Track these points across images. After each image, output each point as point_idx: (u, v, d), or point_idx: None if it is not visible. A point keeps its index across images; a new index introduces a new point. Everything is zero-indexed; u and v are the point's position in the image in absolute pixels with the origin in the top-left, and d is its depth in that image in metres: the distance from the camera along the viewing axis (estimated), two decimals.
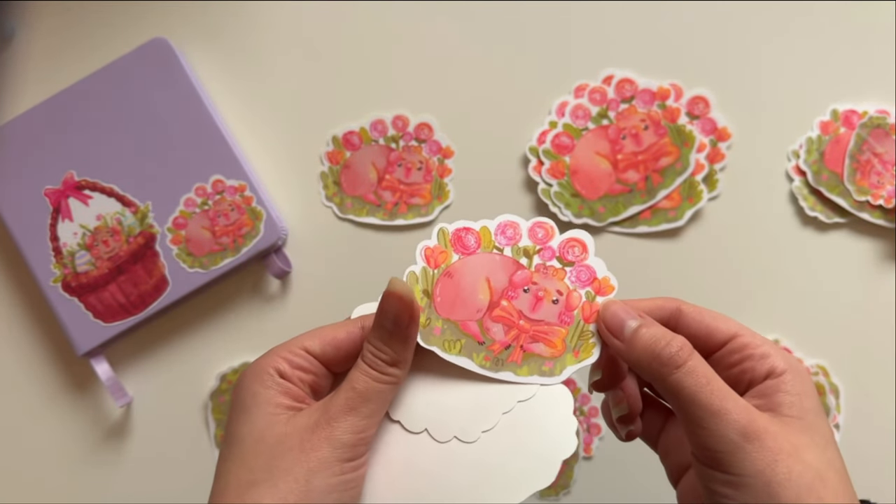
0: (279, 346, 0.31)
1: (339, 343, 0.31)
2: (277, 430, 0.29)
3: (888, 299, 0.49)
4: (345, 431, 0.29)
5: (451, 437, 0.32)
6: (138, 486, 0.50)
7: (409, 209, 0.50)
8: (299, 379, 0.31)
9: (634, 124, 0.49)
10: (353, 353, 0.32)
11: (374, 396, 0.30)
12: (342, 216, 0.50)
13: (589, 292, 0.33)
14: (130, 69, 0.48)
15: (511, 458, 0.31)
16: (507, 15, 0.50)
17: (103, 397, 0.50)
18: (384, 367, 0.30)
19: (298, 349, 0.31)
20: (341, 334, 0.32)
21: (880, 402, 0.49)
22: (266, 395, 0.30)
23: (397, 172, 0.50)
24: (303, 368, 0.31)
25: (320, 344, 0.31)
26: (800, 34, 0.49)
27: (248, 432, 0.29)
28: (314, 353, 0.31)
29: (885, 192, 0.48)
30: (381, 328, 0.30)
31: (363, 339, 0.32)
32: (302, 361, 0.31)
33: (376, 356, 0.30)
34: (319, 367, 0.31)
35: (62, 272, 0.48)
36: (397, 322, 0.30)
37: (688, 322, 0.32)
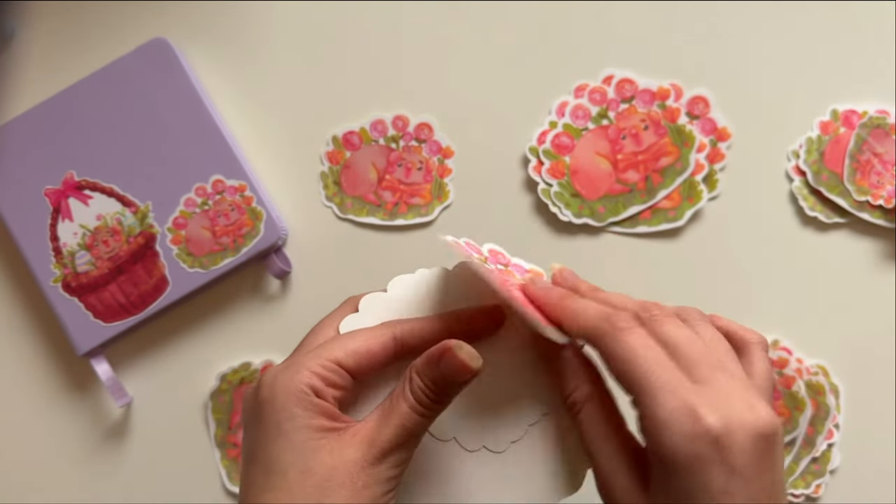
0: (308, 357, 0.30)
1: (373, 356, 0.30)
2: (324, 462, 0.28)
3: (888, 299, 0.49)
4: (391, 467, 0.29)
5: (480, 446, 0.32)
6: (138, 486, 0.50)
7: (410, 209, 0.50)
8: (332, 396, 0.30)
9: (634, 124, 0.49)
10: (384, 363, 0.31)
11: (421, 432, 0.30)
12: (342, 216, 0.50)
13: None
14: (130, 69, 0.48)
15: (537, 468, 0.32)
16: (506, 15, 0.50)
17: (103, 397, 0.50)
18: (432, 407, 0.30)
19: (331, 363, 0.30)
20: (376, 347, 0.31)
21: (880, 402, 0.49)
22: (304, 418, 0.29)
23: (397, 172, 0.50)
24: (335, 385, 0.30)
25: (355, 357, 0.30)
26: (800, 34, 0.49)
27: (290, 462, 0.28)
28: (347, 367, 0.30)
29: (885, 192, 0.48)
30: (435, 370, 0.29)
31: (396, 351, 0.31)
32: (335, 378, 0.30)
33: (427, 395, 0.29)
34: (349, 380, 0.30)
35: (62, 272, 0.48)
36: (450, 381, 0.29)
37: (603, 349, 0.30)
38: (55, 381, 0.51)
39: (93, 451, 0.50)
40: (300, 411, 0.29)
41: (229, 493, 0.49)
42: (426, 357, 0.30)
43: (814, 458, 0.48)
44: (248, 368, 0.49)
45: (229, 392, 0.49)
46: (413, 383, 0.30)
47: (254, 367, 0.49)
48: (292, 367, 0.30)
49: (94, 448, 0.50)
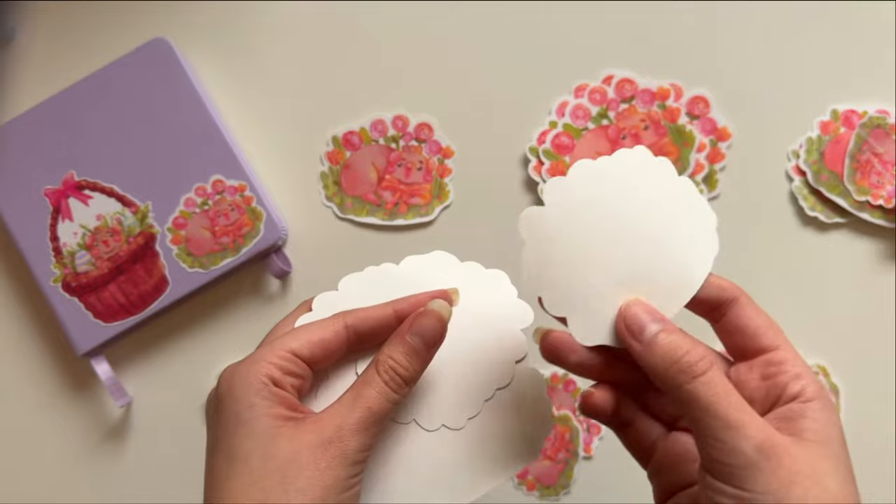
0: (264, 350, 0.30)
1: (326, 345, 0.31)
2: (284, 447, 0.28)
3: (888, 299, 0.49)
4: (356, 450, 0.29)
5: (440, 425, 0.33)
6: (138, 486, 0.50)
7: (409, 209, 0.50)
8: (290, 384, 0.30)
9: (634, 124, 0.49)
10: (337, 352, 0.31)
11: (385, 416, 0.30)
12: (342, 216, 0.50)
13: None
14: (131, 69, 0.48)
15: (496, 441, 0.33)
16: (507, 15, 0.50)
17: (103, 397, 0.50)
18: (401, 386, 0.30)
19: (286, 353, 0.30)
20: (329, 335, 0.31)
21: (880, 401, 0.49)
22: (264, 407, 0.29)
23: (397, 172, 0.50)
24: (293, 374, 0.30)
25: (309, 347, 0.31)
26: (799, 34, 0.49)
27: (252, 448, 0.28)
28: (302, 356, 0.31)
29: (884, 192, 0.48)
30: (405, 344, 0.30)
31: (349, 338, 0.31)
32: (292, 366, 0.30)
33: (397, 372, 0.30)
34: (306, 370, 0.31)
35: (62, 272, 0.48)
36: (428, 342, 0.31)
37: (738, 316, 0.31)
38: (55, 381, 0.51)
39: (93, 450, 0.50)
40: (259, 400, 0.29)
41: None
42: (395, 335, 0.31)
43: None
44: None
45: None
46: (382, 365, 0.30)
47: None
48: (248, 360, 0.30)
49: (94, 448, 0.50)
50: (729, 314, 0.31)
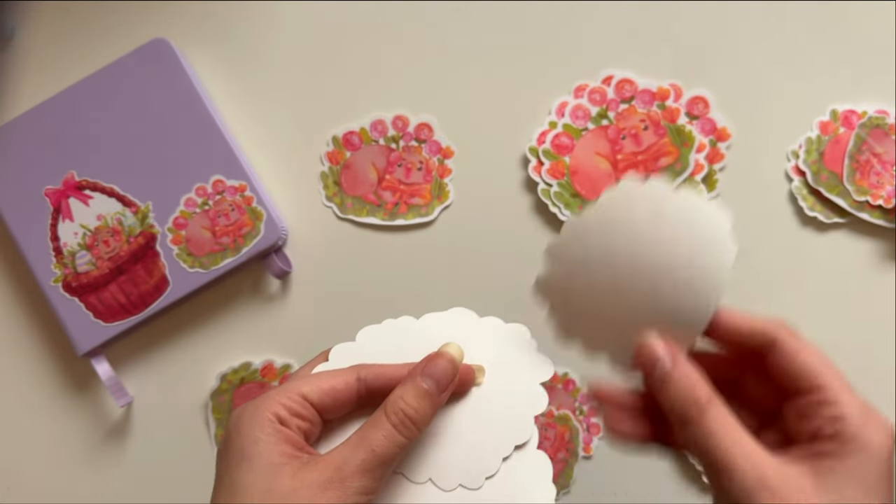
0: (276, 391, 0.31)
1: (337, 394, 0.31)
2: (286, 483, 0.29)
3: (887, 299, 0.49)
4: (357, 491, 0.29)
5: (457, 485, 0.32)
6: (139, 486, 0.50)
7: (410, 209, 0.50)
8: (296, 426, 0.30)
9: (634, 124, 0.49)
10: (347, 403, 0.32)
11: (391, 460, 0.30)
12: (342, 216, 0.50)
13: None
14: (131, 69, 0.48)
15: (514, 499, 0.32)
16: (506, 15, 0.50)
17: (104, 397, 0.51)
18: (410, 429, 0.30)
19: (296, 396, 0.31)
20: (339, 385, 0.31)
21: (880, 401, 0.49)
22: (268, 442, 0.29)
23: (397, 172, 0.50)
24: (300, 416, 0.31)
25: (318, 393, 0.31)
26: (799, 34, 0.49)
27: (253, 482, 0.29)
28: (312, 401, 0.31)
29: (884, 192, 0.48)
30: (417, 387, 0.31)
31: (360, 391, 0.32)
32: (300, 409, 0.31)
33: (406, 414, 0.30)
34: (315, 416, 0.31)
35: (63, 272, 0.48)
36: (440, 384, 0.31)
37: (780, 357, 0.31)
38: (56, 381, 0.51)
39: (93, 450, 0.51)
40: (264, 436, 0.29)
41: None
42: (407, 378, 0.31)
43: None
44: (248, 368, 0.49)
45: (230, 392, 0.49)
46: (392, 407, 0.30)
47: (254, 366, 0.49)
48: (258, 399, 0.31)
49: (94, 448, 0.51)
50: (768, 357, 0.31)
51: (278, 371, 0.49)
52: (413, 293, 0.50)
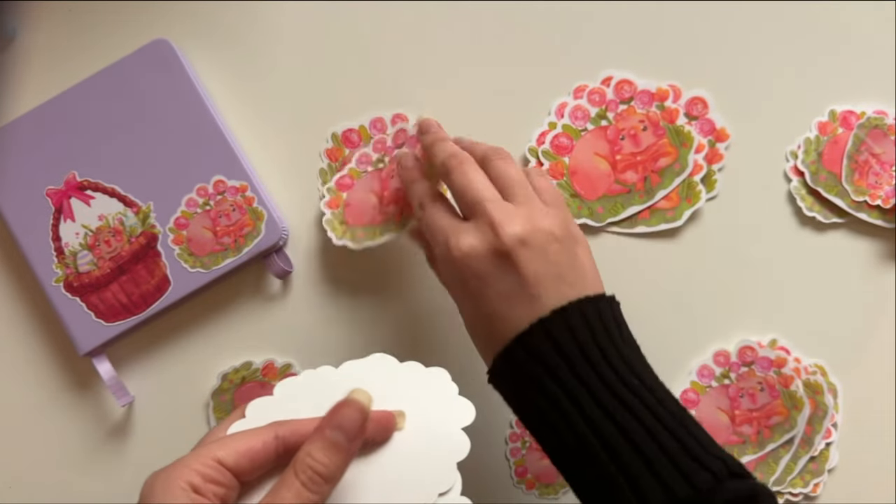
0: (190, 457, 0.30)
1: (254, 455, 0.30)
2: None
3: (886, 298, 0.49)
4: None
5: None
6: (140, 485, 0.50)
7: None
8: (212, 493, 0.29)
9: (633, 125, 0.49)
10: (265, 463, 0.31)
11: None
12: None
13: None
14: (132, 70, 0.48)
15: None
16: (506, 15, 0.50)
17: (105, 397, 0.51)
18: (321, 486, 0.29)
19: (211, 461, 0.30)
20: (257, 445, 0.31)
21: (878, 401, 0.49)
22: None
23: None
24: (215, 482, 0.30)
25: (235, 456, 0.30)
26: (798, 35, 0.50)
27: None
28: (228, 465, 0.30)
29: (882, 193, 0.48)
30: (325, 440, 0.30)
31: (278, 449, 0.31)
32: (215, 474, 0.30)
33: (316, 471, 0.29)
34: (232, 480, 0.30)
35: (64, 272, 0.48)
36: (349, 434, 0.30)
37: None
38: (57, 381, 0.51)
39: (95, 450, 0.51)
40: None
41: None
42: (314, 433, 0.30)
43: (812, 457, 0.48)
44: (249, 367, 0.50)
45: (231, 391, 0.50)
46: (300, 465, 0.29)
47: (255, 366, 0.50)
48: (172, 466, 0.30)
49: (95, 447, 0.51)
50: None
51: (279, 370, 0.50)
52: (414, 293, 0.50)
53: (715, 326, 0.49)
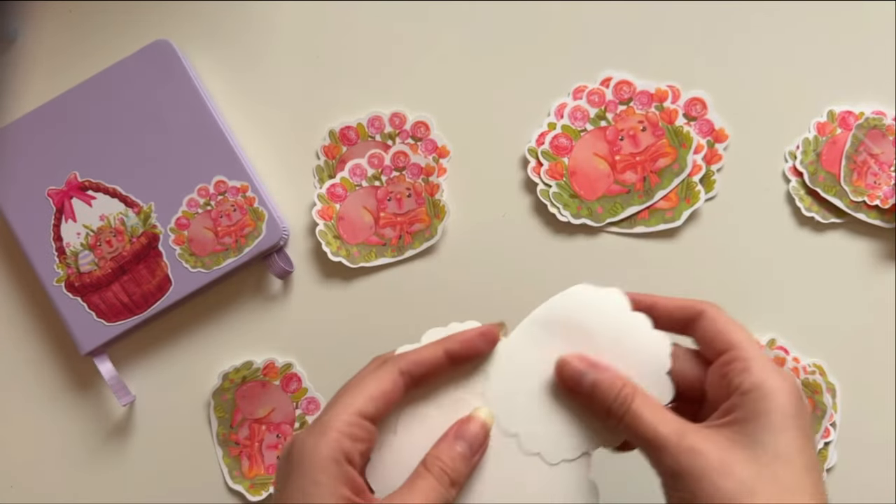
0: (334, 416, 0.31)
1: (388, 398, 0.32)
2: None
3: (884, 298, 0.49)
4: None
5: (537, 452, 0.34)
6: (141, 485, 0.51)
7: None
8: (360, 453, 0.31)
9: (632, 126, 0.49)
10: (397, 400, 0.32)
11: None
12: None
13: (424, 178, 0.48)
14: (133, 71, 0.49)
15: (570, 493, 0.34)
16: (505, 16, 0.50)
17: (106, 396, 0.51)
18: (448, 486, 0.31)
19: (356, 418, 0.31)
20: (388, 386, 0.32)
21: (877, 401, 0.49)
22: (328, 486, 0.29)
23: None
24: (360, 439, 0.31)
25: (373, 403, 0.32)
26: (797, 36, 0.50)
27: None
28: (368, 415, 0.31)
29: (881, 193, 0.48)
30: (451, 448, 0.32)
31: (406, 383, 0.33)
32: (360, 432, 0.31)
33: (444, 472, 0.31)
34: (372, 430, 0.32)
35: (65, 272, 0.48)
36: (472, 447, 0.32)
37: (703, 327, 0.34)
38: (58, 381, 0.51)
39: (96, 449, 0.51)
40: (325, 479, 0.30)
41: (231, 490, 0.50)
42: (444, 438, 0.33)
43: None
44: (249, 367, 0.50)
45: (231, 391, 0.50)
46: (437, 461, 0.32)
47: (256, 365, 0.50)
48: (319, 428, 0.31)
49: (97, 447, 0.51)
50: (693, 329, 0.34)
51: (279, 370, 0.50)
52: (415, 292, 0.50)
53: None
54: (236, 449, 0.50)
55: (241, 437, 0.50)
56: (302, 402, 0.50)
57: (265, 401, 0.50)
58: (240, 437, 0.50)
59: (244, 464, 0.50)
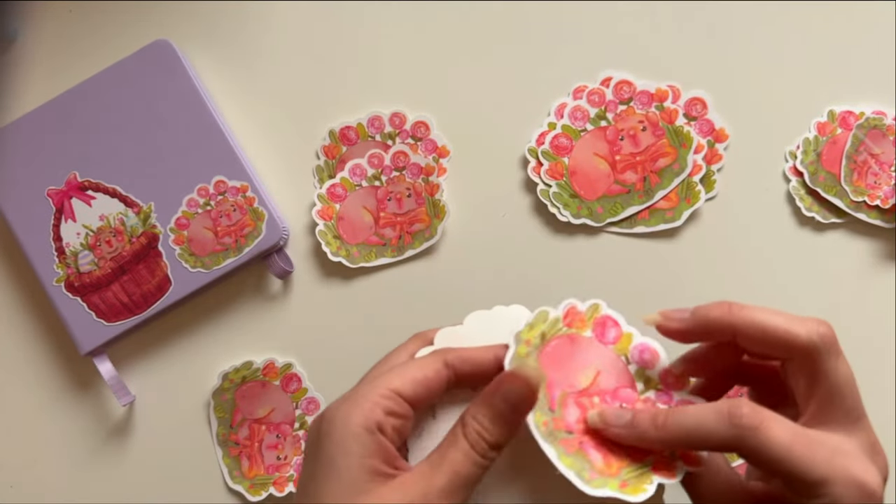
0: (368, 389, 0.30)
1: (429, 384, 0.31)
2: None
3: (884, 298, 0.49)
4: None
5: None
6: (141, 485, 0.51)
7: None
8: (392, 428, 0.30)
9: (632, 125, 0.49)
10: (439, 390, 0.31)
11: (473, 481, 0.29)
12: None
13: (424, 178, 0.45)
14: (133, 70, 0.49)
15: None
16: (506, 16, 0.50)
17: (106, 396, 0.51)
18: (487, 451, 0.29)
19: (390, 392, 0.30)
20: (430, 373, 0.31)
21: (878, 401, 0.49)
22: (359, 456, 0.29)
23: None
24: (395, 414, 0.30)
25: (412, 385, 0.30)
26: (797, 35, 0.50)
27: (336, 496, 0.28)
28: (405, 395, 0.30)
29: (881, 193, 0.48)
30: (491, 407, 0.29)
31: (449, 377, 0.31)
32: (394, 406, 0.30)
33: (482, 436, 0.29)
34: (409, 410, 0.30)
35: (65, 272, 0.48)
36: (516, 408, 0.29)
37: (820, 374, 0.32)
38: (58, 381, 0.51)
39: (95, 449, 0.51)
40: (356, 447, 0.29)
41: (231, 491, 0.50)
42: (482, 396, 0.30)
43: None
44: (249, 367, 0.50)
45: (231, 391, 0.50)
46: (468, 427, 0.29)
47: (255, 365, 0.50)
48: (353, 398, 0.30)
49: (96, 447, 0.51)
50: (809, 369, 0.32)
51: (279, 370, 0.50)
52: (415, 292, 0.50)
53: None
54: (236, 449, 0.50)
55: (241, 437, 0.50)
56: (302, 403, 0.50)
57: (265, 401, 0.50)
58: (240, 438, 0.50)
59: (244, 464, 0.50)
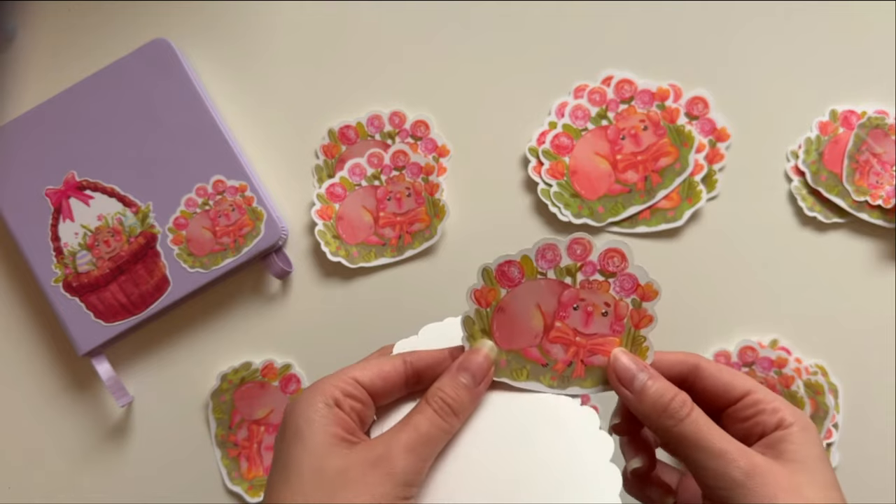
0: (330, 376, 0.33)
1: (386, 376, 0.33)
2: (336, 463, 0.30)
3: (887, 298, 0.49)
4: (404, 470, 0.30)
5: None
6: (139, 485, 0.50)
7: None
8: (350, 407, 0.32)
9: (634, 125, 0.49)
10: (396, 386, 0.34)
11: (434, 441, 0.32)
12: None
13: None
14: (132, 70, 0.48)
15: None
16: (507, 15, 0.50)
17: (104, 397, 0.51)
18: (449, 416, 0.32)
19: (349, 378, 0.33)
20: (388, 367, 0.34)
21: (879, 401, 0.49)
22: (321, 423, 0.31)
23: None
24: (353, 397, 0.32)
25: (370, 376, 0.33)
26: (798, 35, 0.50)
27: (305, 461, 0.30)
28: (363, 383, 0.33)
29: (883, 193, 0.48)
30: (454, 379, 0.33)
31: (407, 375, 0.34)
32: (353, 390, 0.32)
33: (445, 402, 0.32)
34: (367, 398, 0.33)
35: (63, 272, 0.48)
36: (475, 377, 0.33)
37: (705, 378, 0.35)
38: (56, 381, 0.51)
39: (94, 450, 0.51)
40: (317, 417, 0.31)
41: (230, 492, 0.50)
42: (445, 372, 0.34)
43: None
44: (248, 368, 0.49)
45: (230, 391, 0.50)
46: (433, 396, 0.33)
47: (254, 366, 0.49)
48: (314, 385, 0.33)
49: (95, 447, 0.51)
50: (696, 381, 0.35)
51: (278, 371, 0.50)
52: (414, 292, 0.50)
53: (716, 327, 0.49)
54: (235, 450, 0.49)
55: (240, 438, 0.49)
56: None
57: (264, 402, 0.50)
58: (238, 439, 0.49)
59: (243, 465, 0.49)
